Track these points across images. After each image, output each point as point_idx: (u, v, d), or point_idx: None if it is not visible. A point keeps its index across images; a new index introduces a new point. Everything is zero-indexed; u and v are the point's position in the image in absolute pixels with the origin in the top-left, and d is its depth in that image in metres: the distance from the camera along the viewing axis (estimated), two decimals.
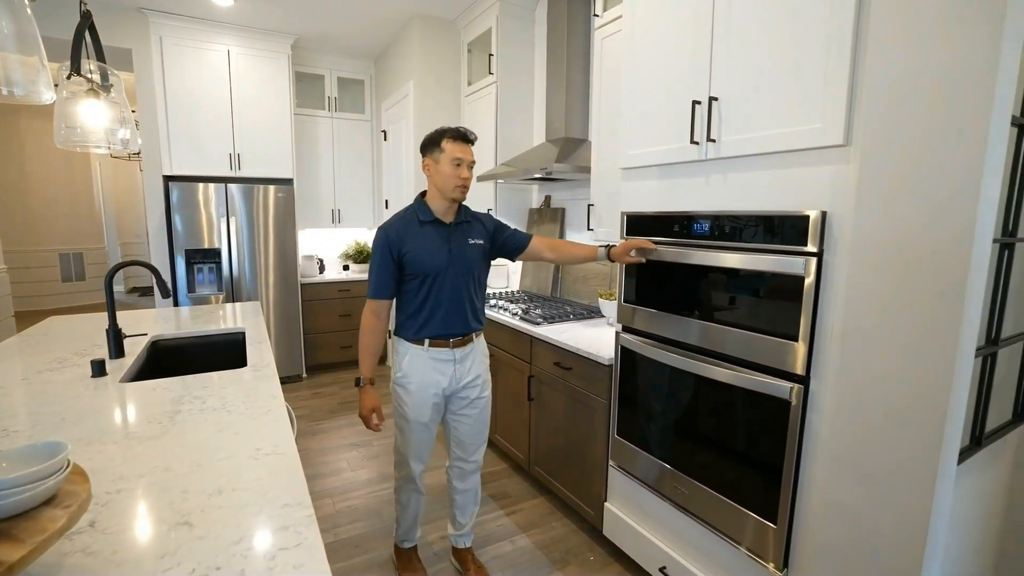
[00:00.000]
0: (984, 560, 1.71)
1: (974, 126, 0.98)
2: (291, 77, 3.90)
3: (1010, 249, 1.40)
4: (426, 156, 1.65)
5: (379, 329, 1.70)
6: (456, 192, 1.62)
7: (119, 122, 1.76)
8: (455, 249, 1.66)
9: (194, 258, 3.70)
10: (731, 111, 1.41)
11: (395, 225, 1.66)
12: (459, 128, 1.63)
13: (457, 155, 1.60)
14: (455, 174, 1.60)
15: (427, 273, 1.63)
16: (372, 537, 2.13)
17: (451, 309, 1.66)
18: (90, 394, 1.38)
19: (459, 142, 1.61)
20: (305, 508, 0.86)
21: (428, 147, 1.64)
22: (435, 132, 1.64)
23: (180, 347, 2.15)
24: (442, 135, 1.62)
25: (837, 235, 1.21)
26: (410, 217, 1.67)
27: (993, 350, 1.43)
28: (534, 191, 3.42)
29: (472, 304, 1.71)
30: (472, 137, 1.65)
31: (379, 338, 1.70)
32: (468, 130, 1.65)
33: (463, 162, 1.61)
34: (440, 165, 1.61)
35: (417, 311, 1.66)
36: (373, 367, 1.71)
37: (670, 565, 1.74)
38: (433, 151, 1.63)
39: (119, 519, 0.82)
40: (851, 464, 1.22)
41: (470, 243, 1.70)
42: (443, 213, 1.67)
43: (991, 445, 1.53)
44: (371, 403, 1.69)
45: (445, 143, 1.60)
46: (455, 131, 1.62)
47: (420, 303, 1.65)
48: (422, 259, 1.62)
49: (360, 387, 1.70)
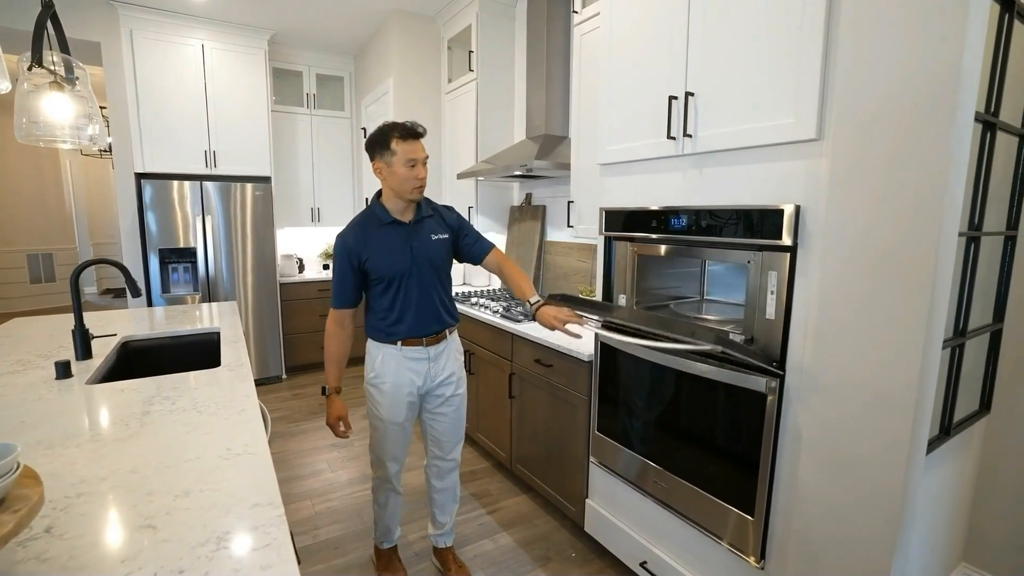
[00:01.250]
0: (955, 536, 1.76)
1: (939, 123, 1.00)
2: (268, 73, 3.83)
3: (976, 243, 1.43)
4: (375, 159, 1.56)
5: (342, 337, 1.68)
6: (414, 193, 1.57)
7: (86, 117, 1.70)
8: (417, 248, 1.62)
9: (168, 258, 3.61)
10: (707, 106, 1.42)
11: (353, 232, 1.61)
12: (406, 124, 1.54)
13: (410, 155, 1.52)
14: (411, 175, 1.53)
15: (392, 276, 1.60)
16: (352, 538, 2.10)
17: (421, 309, 1.64)
18: (53, 396, 1.33)
19: (409, 140, 1.52)
20: (275, 508, 0.84)
21: (375, 148, 1.55)
22: (379, 131, 1.54)
23: (152, 348, 2.10)
24: (388, 134, 1.52)
25: (811, 229, 1.22)
26: (368, 221, 1.62)
27: (961, 341, 1.46)
28: (515, 188, 3.42)
29: (442, 301, 1.69)
30: (421, 130, 1.56)
31: (343, 346, 1.69)
32: (415, 123, 1.56)
33: (417, 161, 1.53)
34: (394, 168, 1.53)
35: (386, 313, 1.63)
36: (339, 376, 1.70)
37: (650, 560, 1.75)
38: (383, 153, 1.54)
39: (78, 524, 0.78)
40: (826, 455, 1.23)
41: (432, 239, 1.65)
42: (401, 212, 1.63)
43: (960, 434, 1.57)
44: (337, 412, 1.67)
45: (395, 144, 1.51)
46: (403, 128, 1.53)
47: (389, 305, 1.63)
48: (384, 263, 1.59)
49: (326, 396, 1.68)
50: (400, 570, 1.87)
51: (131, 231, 3.61)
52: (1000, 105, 1.41)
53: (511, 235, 3.38)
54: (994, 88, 1.38)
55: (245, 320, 3.86)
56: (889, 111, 1.06)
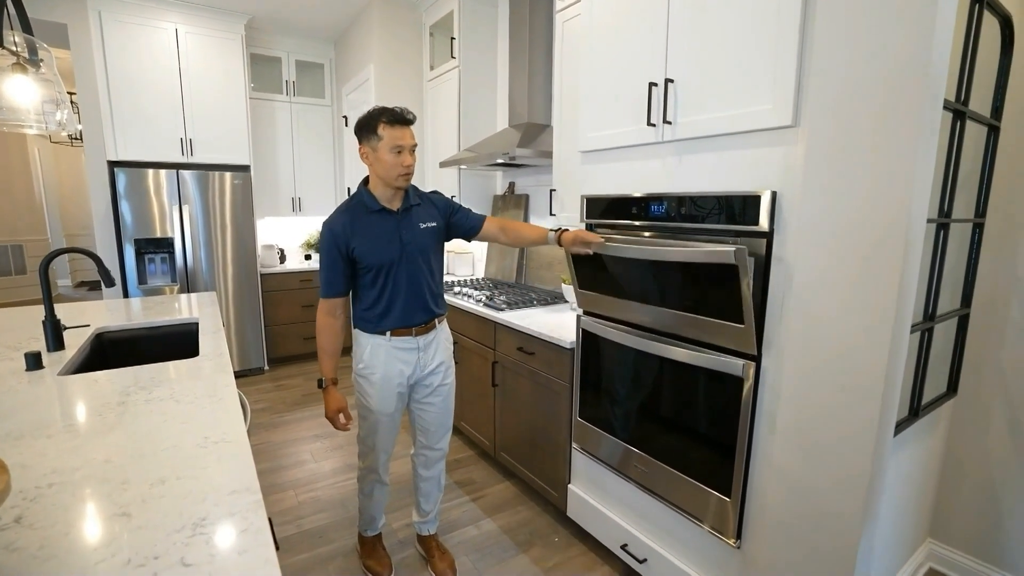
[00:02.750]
0: (923, 513, 1.83)
1: (908, 109, 1.02)
2: (246, 59, 3.74)
3: (945, 229, 1.47)
4: (362, 143, 1.54)
5: (335, 328, 1.65)
6: (400, 181, 1.54)
7: (53, 102, 1.65)
8: (406, 236, 1.60)
9: (145, 248, 3.53)
10: (686, 93, 1.43)
11: (340, 219, 1.58)
12: (395, 109, 1.51)
13: (397, 142, 1.49)
14: (397, 162, 1.51)
15: (380, 265, 1.58)
16: (336, 527, 2.10)
17: (410, 298, 1.62)
18: (23, 388, 1.30)
19: (397, 126, 1.50)
20: (253, 494, 0.83)
21: (363, 132, 1.53)
22: (367, 116, 1.52)
23: (128, 339, 2.05)
24: (376, 119, 1.49)
25: (786, 215, 1.24)
26: (356, 208, 1.59)
27: (930, 326, 1.50)
28: (498, 177, 3.40)
29: (431, 290, 1.67)
30: (410, 117, 1.53)
31: (336, 337, 1.66)
32: (405, 109, 1.53)
33: (404, 148, 1.51)
34: (379, 153, 1.51)
35: (375, 303, 1.62)
36: (334, 367, 1.66)
37: (631, 542, 1.78)
38: (369, 138, 1.51)
39: (49, 514, 0.77)
40: (799, 436, 1.26)
41: (421, 228, 1.63)
42: (389, 200, 1.60)
43: (928, 415, 1.62)
44: (336, 404, 1.64)
45: (382, 128, 1.49)
46: (391, 113, 1.50)
47: (377, 295, 1.61)
48: (373, 252, 1.57)
49: (323, 389, 1.66)
50: (384, 557, 1.87)
51: (105, 221, 3.52)
52: (970, 95, 1.44)
53: None
54: (964, 78, 1.41)
55: (225, 311, 3.81)
56: (861, 97, 1.08)
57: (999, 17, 1.50)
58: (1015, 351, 1.66)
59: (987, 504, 1.75)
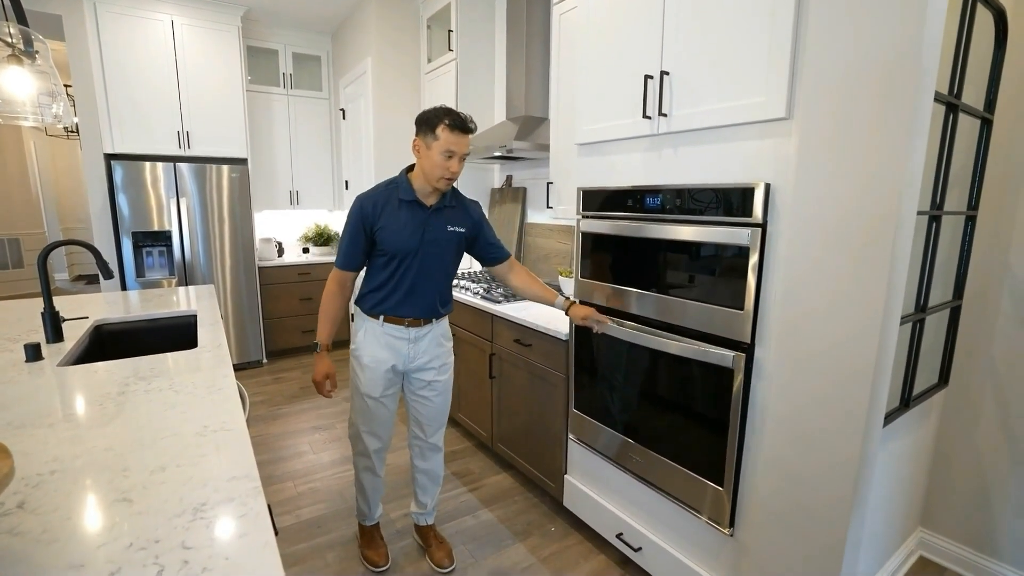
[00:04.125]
0: (913, 502, 1.85)
1: (899, 101, 1.03)
2: (243, 51, 3.73)
3: (937, 222, 1.48)
4: (419, 135, 1.54)
5: (341, 298, 1.68)
6: (441, 183, 1.55)
7: (49, 95, 1.65)
8: (429, 235, 1.61)
9: (142, 241, 3.53)
10: (682, 85, 1.44)
11: (373, 197, 1.60)
12: (461, 115, 1.51)
13: (451, 148, 1.49)
14: (444, 165, 1.51)
15: (396, 253, 1.59)
16: (334, 517, 2.12)
17: (415, 293, 1.63)
18: (23, 378, 1.31)
19: (456, 132, 1.49)
20: (252, 480, 0.85)
21: (423, 127, 1.53)
22: (433, 112, 1.52)
23: (127, 331, 2.06)
24: (439, 119, 1.49)
25: (780, 207, 1.25)
26: (391, 192, 1.61)
27: (921, 317, 1.52)
28: (496, 170, 3.41)
29: (439, 292, 1.68)
30: (472, 126, 1.54)
31: (339, 307, 1.69)
32: (469, 117, 1.53)
33: (455, 154, 1.51)
34: (431, 151, 1.51)
35: (379, 287, 1.64)
36: (331, 333, 1.70)
37: (626, 531, 1.81)
38: (427, 134, 1.51)
39: (51, 499, 0.79)
40: (790, 426, 1.28)
41: (448, 230, 1.64)
42: (425, 195, 1.61)
43: (919, 406, 1.64)
44: (324, 368, 1.68)
45: (441, 130, 1.48)
46: (455, 118, 1.50)
47: (384, 280, 1.63)
48: (394, 238, 1.58)
49: (316, 352, 1.69)
50: (382, 547, 1.89)
51: (102, 214, 3.52)
52: (963, 87, 1.45)
53: (492, 217, 3.38)
54: (957, 71, 1.42)
55: (224, 305, 3.81)
56: (853, 90, 1.09)
57: (992, 10, 1.51)
58: (1006, 342, 1.68)
59: (977, 493, 1.78)
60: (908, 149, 1.03)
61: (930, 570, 1.85)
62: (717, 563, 1.52)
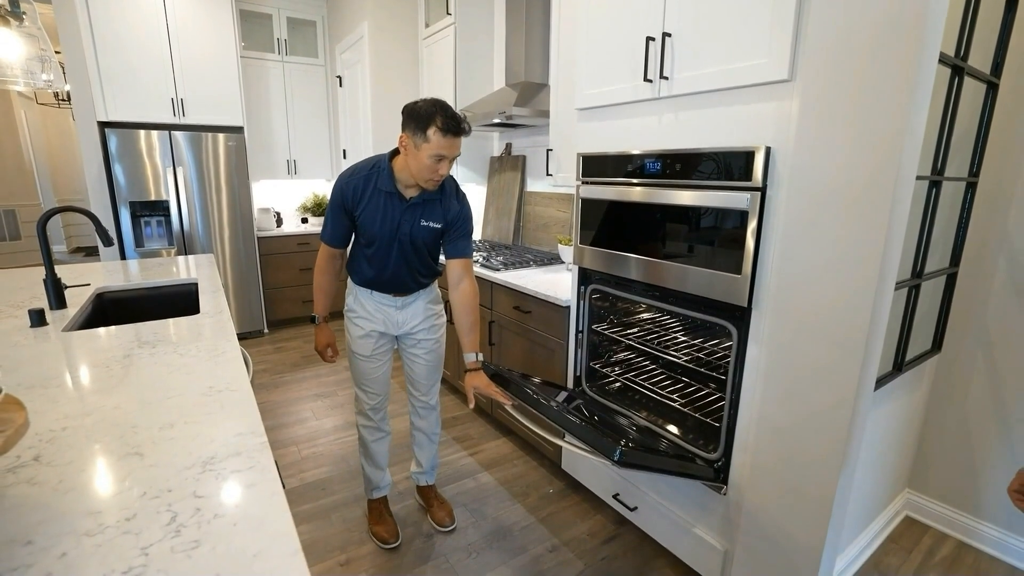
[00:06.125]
0: (902, 463, 1.90)
1: (901, 63, 1.01)
2: (235, 15, 3.62)
3: (937, 187, 1.48)
4: (406, 131, 1.44)
5: (331, 271, 1.73)
6: (428, 184, 1.50)
7: (39, 59, 1.61)
8: (404, 226, 1.59)
9: (140, 211, 3.52)
10: (683, 47, 1.41)
11: (353, 182, 1.56)
12: (456, 116, 1.41)
13: (441, 152, 1.41)
14: (432, 168, 1.44)
15: (373, 238, 1.61)
16: (338, 480, 2.18)
17: (394, 275, 1.66)
18: (29, 343, 1.33)
19: (449, 136, 1.40)
20: (258, 436, 0.87)
21: (411, 124, 1.42)
22: (424, 108, 1.40)
23: (128, 299, 2.08)
24: (431, 120, 1.38)
25: (780, 170, 1.25)
26: (372, 178, 1.56)
27: (917, 283, 1.53)
28: (495, 139, 3.37)
29: (416, 271, 1.68)
30: (466, 127, 1.44)
31: (330, 280, 1.74)
32: (463, 117, 1.44)
33: (446, 158, 1.44)
34: (419, 152, 1.42)
35: (366, 263, 1.67)
36: (327, 306, 1.78)
37: (623, 491, 1.86)
38: (415, 132, 1.41)
39: (65, 453, 0.81)
40: (784, 387, 1.31)
41: (422, 224, 1.59)
42: (405, 188, 1.56)
43: (912, 370, 1.67)
44: (325, 338, 1.78)
45: (432, 133, 1.39)
46: (448, 121, 1.39)
47: (367, 259, 1.66)
48: (370, 226, 1.59)
49: (315, 324, 1.79)
50: (391, 524, 1.87)
51: (98, 184, 3.49)
52: (970, 50, 1.43)
53: (491, 186, 3.36)
54: (965, 32, 1.39)
55: (224, 274, 3.82)
56: (855, 51, 1.07)
57: None
58: (999, 309, 1.69)
59: (965, 456, 1.83)
60: (909, 112, 1.02)
61: (915, 529, 1.92)
62: (710, 520, 1.57)
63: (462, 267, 1.65)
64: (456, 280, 1.65)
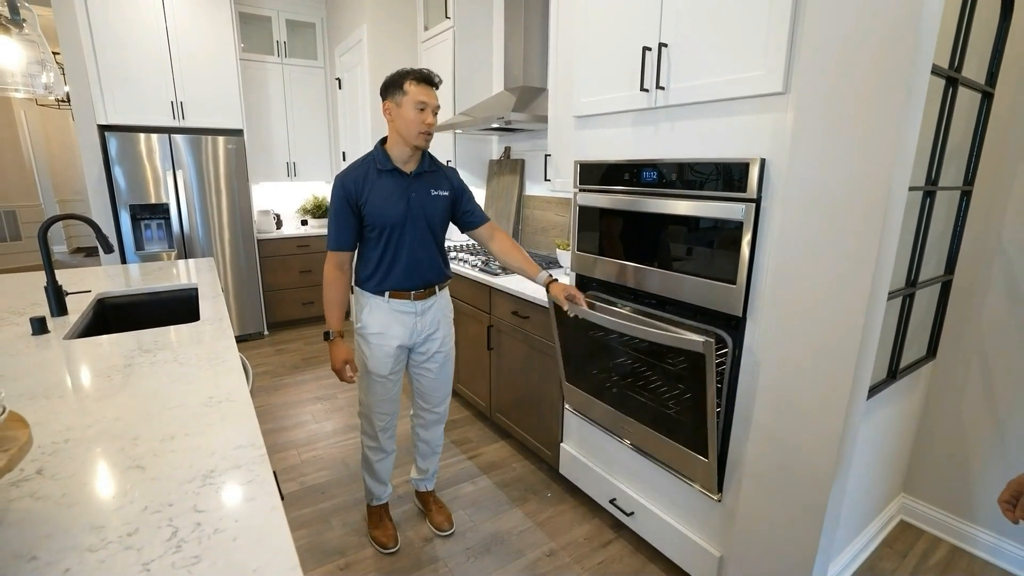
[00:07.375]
0: (897, 469, 1.92)
1: (894, 77, 1.03)
2: (235, 18, 3.63)
3: (932, 197, 1.49)
4: (387, 99, 1.56)
5: (342, 281, 1.67)
6: (419, 139, 1.55)
7: (39, 64, 1.62)
8: (415, 201, 1.60)
9: (140, 214, 3.53)
10: (680, 58, 1.42)
11: (352, 174, 1.59)
12: (423, 70, 1.54)
13: (421, 98, 1.51)
14: (419, 119, 1.52)
15: (384, 225, 1.59)
16: (338, 484, 2.20)
17: (411, 261, 1.63)
18: (31, 351, 1.35)
19: (423, 85, 1.52)
20: (257, 448, 0.88)
21: (389, 89, 1.55)
22: (397, 73, 1.54)
23: (129, 304, 2.09)
24: (405, 76, 1.52)
25: (775, 182, 1.26)
26: (368, 165, 1.60)
27: (911, 291, 1.54)
28: (494, 142, 3.37)
29: (433, 257, 1.68)
30: (437, 80, 1.56)
31: (343, 290, 1.68)
32: (433, 72, 1.55)
33: (427, 106, 1.52)
34: (403, 109, 1.52)
35: (377, 264, 1.63)
36: (340, 319, 1.69)
37: (619, 496, 1.88)
38: (395, 94, 1.53)
39: (68, 466, 0.82)
40: (777, 396, 1.32)
41: (432, 195, 1.64)
42: (404, 162, 1.60)
43: (906, 378, 1.68)
44: (342, 355, 1.67)
45: (408, 85, 1.51)
46: (419, 73, 1.53)
47: (379, 256, 1.63)
48: (380, 211, 1.58)
49: (330, 341, 1.67)
50: (390, 529, 1.88)
51: (98, 187, 3.50)
52: (964, 61, 1.44)
53: (490, 189, 3.37)
54: (959, 43, 1.40)
55: (224, 277, 3.83)
56: (849, 64, 1.08)
57: None
58: (994, 317, 1.71)
59: (960, 462, 1.84)
60: (901, 124, 1.03)
61: (910, 533, 1.93)
62: (705, 526, 1.59)
63: (489, 228, 1.77)
64: (488, 237, 1.77)
